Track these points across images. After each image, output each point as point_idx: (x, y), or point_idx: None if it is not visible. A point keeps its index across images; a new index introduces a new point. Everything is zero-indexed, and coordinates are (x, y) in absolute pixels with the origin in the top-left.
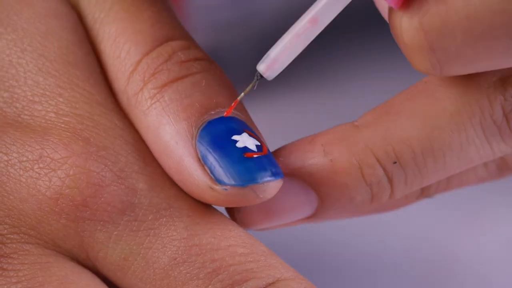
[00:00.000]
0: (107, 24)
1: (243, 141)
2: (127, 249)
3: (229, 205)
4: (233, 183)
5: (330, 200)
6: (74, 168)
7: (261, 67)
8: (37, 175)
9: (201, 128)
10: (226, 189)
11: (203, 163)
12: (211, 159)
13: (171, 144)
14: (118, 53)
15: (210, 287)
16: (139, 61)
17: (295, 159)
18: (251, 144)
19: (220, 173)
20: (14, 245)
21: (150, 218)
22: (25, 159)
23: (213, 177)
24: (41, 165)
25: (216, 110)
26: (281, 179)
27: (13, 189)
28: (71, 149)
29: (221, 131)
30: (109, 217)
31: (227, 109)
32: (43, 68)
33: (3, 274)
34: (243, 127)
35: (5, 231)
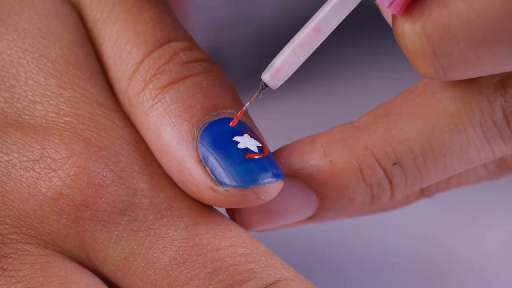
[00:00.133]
0: (109, 25)
1: (244, 142)
2: (128, 249)
3: (230, 206)
4: (234, 184)
5: (330, 201)
6: (74, 168)
7: (266, 77)
8: (38, 175)
9: (203, 129)
10: (227, 190)
11: (204, 164)
12: (212, 160)
13: (172, 144)
14: (119, 54)
15: (210, 287)
16: (140, 62)
17: (295, 160)
18: (252, 145)
19: (221, 174)
20: (14, 245)
21: (150, 218)
22: (25, 159)
23: (214, 178)
24: (42, 165)
25: (217, 111)
26: (282, 180)
27: (14, 189)
28: (71, 149)
29: (222, 132)
30: (110, 217)
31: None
32: (44, 68)
33: (4, 274)
34: (244, 128)
35: (6, 231)
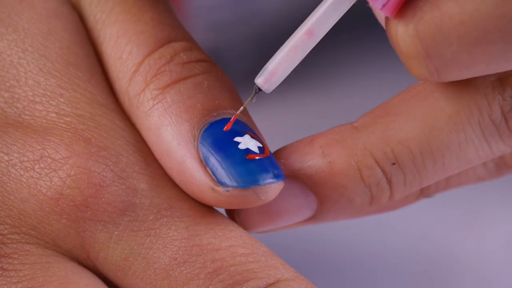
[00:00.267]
0: (109, 25)
1: (245, 142)
2: (128, 249)
3: (231, 206)
4: (235, 184)
5: (329, 202)
6: (75, 168)
7: (259, 81)
8: (38, 175)
9: (203, 129)
10: (228, 191)
11: (205, 164)
12: (213, 161)
13: (173, 145)
14: (119, 54)
15: (210, 287)
16: (141, 62)
17: (294, 160)
18: (253, 145)
19: (222, 174)
20: (14, 245)
21: (151, 218)
22: (26, 159)
23: (215, 178)
24: (42, 165)
25: (218, 111)
26: (283, 181)
27: (14, 189)
28: (72, 149)
29: (223, 133)
30: (110, 217)
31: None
32: (44, 68)
33: (4, 274)
34: (245, 129)
35: (6, 231)
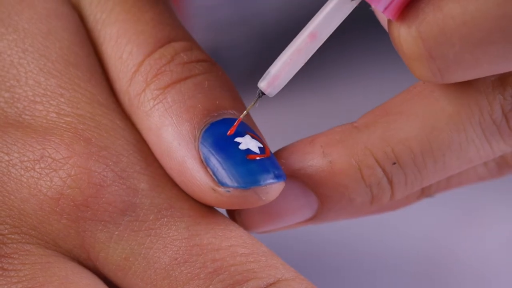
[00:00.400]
0: (109, 25)
1: (246, 143)
2: (128, 249)
3: (231, 207)
4: (236, 185)
5: (330, 202)
6: (75, 168)
7: (262, 85)
8: (38, 175)
9: (204, 130)
10: (228, 191)
11: (205, 165)
12: (214, 161)
13: (173, 145)
14: (120, 54)
15: (211, 287)
16: (141, 62)
17: (294, 160)
18: (253, 146)
19: (223, 175)
20: (15, 245)
21: (151, 218)
22: (26, 159)
23: (215, 179)
24: (42, 165)
25: (218, 112)
26: (284, 181)
27: (14, 189)
28: (72, 149)
29: (223, 133)
30: (110, 217)
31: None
32: (44, 68)
33: (4, 274)
34: (246, 129)
35: (6, 231)
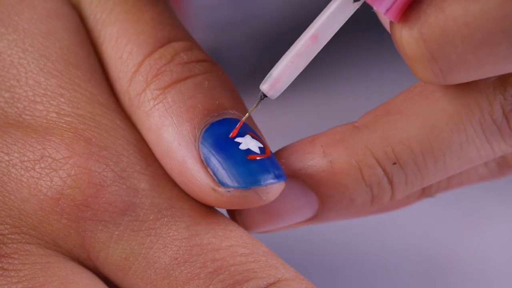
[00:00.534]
0: (109, 25)
1: (246, 143)
2: (128, 249)
3: (232, 207)
4: (236, 185)
5: (330, 202)
6: (75, 168)
7: (264, 87)
8: (39, 175)
9: (204, 130)
10: (229, 191)
11: (206, 165)
12: (214, 161)
13: (173, 145)
14: (120, 54)
15: (211, 287)
16: (141, 62)
17: (295, 160)
18: (254, 146)
19: (223, 175)
20: (15, 245)
21: (151, 218)
22: (26, 159)
23: (216, 179)
24: (43, 165)
25: (218, 112)
26: (284, 181)
27: (14, 189)
28: (72, 149)
29: (224, 133)
30: (110, 217)
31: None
32: (44, 68)
33: (4, 274)
34: (246, 129)
35: (6, 231)
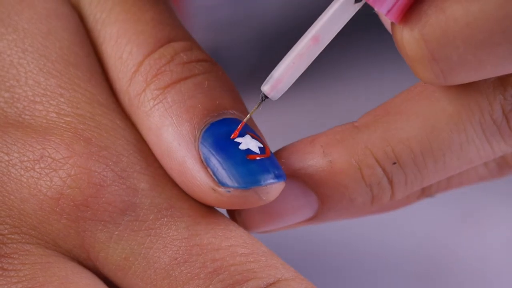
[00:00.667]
0: (109, 25)
1: (246, 143)
2: (128, 249)
3: (232, 207)
4: (236, 185)
5: (330, 201)
6: (75, 168)
7: (266, 88)
8: (38, 175)
9: (204, 130)
10: (229, 191)
11: (205, 165)
12: (214, 161)
13: (173, 145)
14: (120, 54)
15: (211, 287)
16: (141, 62)
17: (295, 160)
18: (254, 146)
19: (223, 175)
20: (14, 245)
21: (151, 218)
22: (26, 159)
23: (216, 179)
24: (42, 165)
25: (218, 112)
26: (284, 181)
27: (14, 189)
28: (72, 149)
29: (223, 133)
30: (110, 217)
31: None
32: (44, 68)
33: (4, 274)
34: (246, 129)
35: (6, 231)
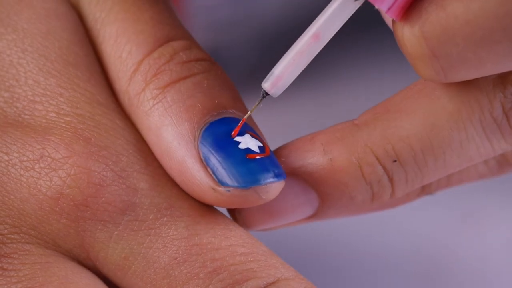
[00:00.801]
0: (108, 24)
1: (245, 142)
2: (128, 248)
3: (231, 206)
4: (236, 184)
5: (330, 199)
6: (75, 167)
7: (266, 85)
8: (38, 174)
9: (203, 129)
10: (228, 191)
11: (205, 164)
12: (214, 161)
13: (173, 145)
14: (119, 54)
15: (210, 286)
16: (140, 62)
17: (295, 158)
18: (253, 145)
19: (223, 174)
20: (14, 245)
21: (150, 217)
22: (25, 158)
23: (215, 178)
24: (42, 165)
25: (218, 111)
26: (284, 180)
27: (14, 188)
28: (72, 149)
29: (223, 132)
30: (110, 217)
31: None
32: (43, 68)
33: (4, 274)
34: (246, 128)
35: (6, 231)
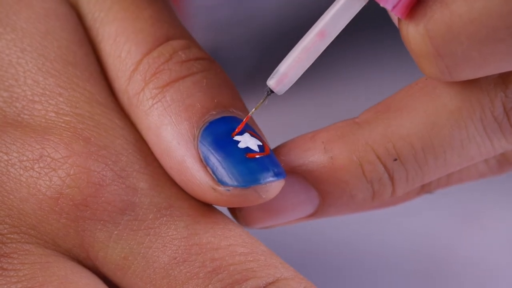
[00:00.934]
0: (107, 23)
1: (245, 141)
2: (127, 248)
3: (231, 205)
4: (236, 184)
5: (331, 198)
6: (74, 167)
7: (271, 83)
8: (38, 174)
9: (203, 128)
10: (228, 190)
11: (205, 164)
12: (213, 160)
13: (172, 144)
14: (118, 53)
15: (210, 286)
16: (140, 61)
17: (295, 156)
18: (253, 144)
19: (222, 174)
20: (14, 245)
21: (150, 217)
22: (25, 158)
23: (215, 178)
24: (42, 165)
25: (217, 110)
26: (284, 179)
27: (13, 188)
28: (71, 149)
29: (223, 132)
30: (110, 217)
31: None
32: (42, 67)
33: (3, 274)
34: (245, 127)
35: (5, 230)
